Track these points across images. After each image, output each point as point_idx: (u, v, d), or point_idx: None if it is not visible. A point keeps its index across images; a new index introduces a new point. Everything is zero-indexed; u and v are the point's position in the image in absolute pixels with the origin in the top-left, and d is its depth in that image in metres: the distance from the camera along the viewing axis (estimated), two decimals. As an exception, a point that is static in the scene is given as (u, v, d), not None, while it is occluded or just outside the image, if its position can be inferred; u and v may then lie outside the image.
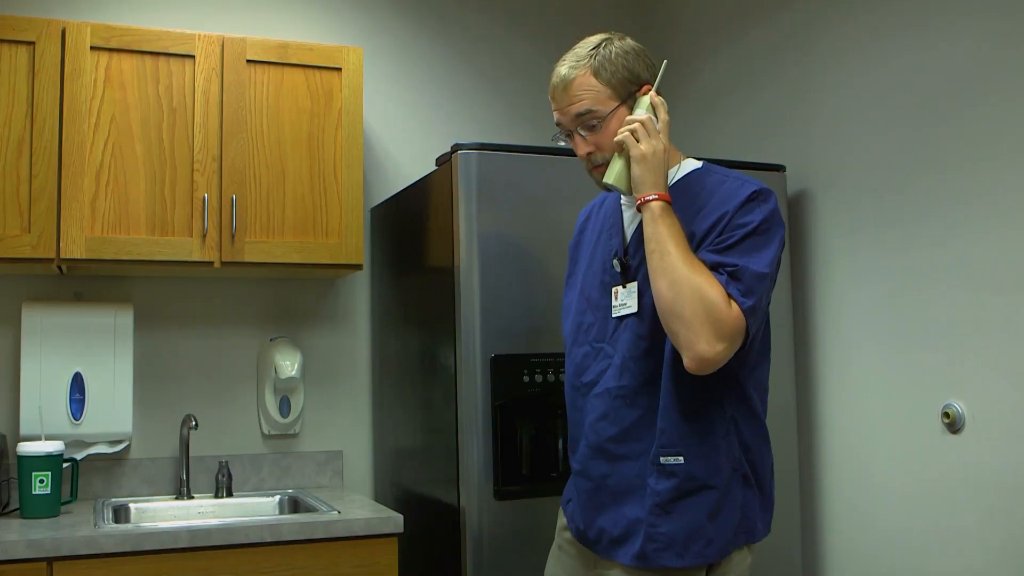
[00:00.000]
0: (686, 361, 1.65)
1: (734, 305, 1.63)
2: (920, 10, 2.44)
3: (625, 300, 1.81)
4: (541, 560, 2.09)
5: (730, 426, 1.75)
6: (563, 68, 1.80)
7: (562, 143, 1.89)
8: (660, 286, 1.66)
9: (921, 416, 2.39)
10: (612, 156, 1.77)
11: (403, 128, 3.27)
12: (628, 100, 1.78)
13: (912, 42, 2.46)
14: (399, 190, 2.98)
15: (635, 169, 1.71)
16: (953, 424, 2.29)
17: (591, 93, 1.77)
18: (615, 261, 1.86)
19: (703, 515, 1.71)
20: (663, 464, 1.72)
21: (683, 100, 3.42)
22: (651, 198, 1.69)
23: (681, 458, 1.72)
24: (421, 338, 2.70)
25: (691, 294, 1.62)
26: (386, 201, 3.05)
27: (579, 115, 1.79)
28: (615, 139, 1.75)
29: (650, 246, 1.68)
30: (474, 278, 2.38)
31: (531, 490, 2.38)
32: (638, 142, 1.71)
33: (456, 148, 2.44)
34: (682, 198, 1.77)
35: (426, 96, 3.32)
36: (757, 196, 1.72)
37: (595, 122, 1.78)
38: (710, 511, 1.71)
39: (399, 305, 2.91)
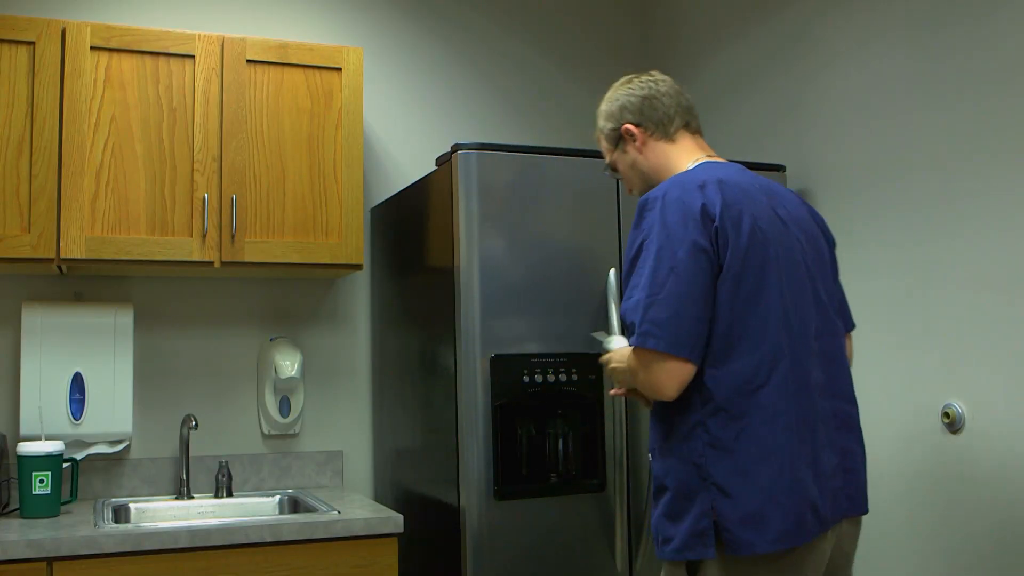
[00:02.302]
0: None
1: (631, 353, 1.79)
2: (920, 10, 2.44)
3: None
4: (541, 560, 2.09)
5: (695, 429, 1.72)
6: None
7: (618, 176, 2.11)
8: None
9: (921, 416, 2.39)
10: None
11: (403, 128, 3.27)
12: (618, 145, 2.02)
13: (912, 42, 2.46)
14: (399, 190, 2.98)
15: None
16: (953, 424, 2.29)
17: (603, 145, 2.07)
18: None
19: (661, 513, 1.78)
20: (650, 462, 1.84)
21: (683, 100, 3.41)
22: None
23: (651, 457, 1.84)
24: (421, 338, 2.70)
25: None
26: (386, 201, 3.05)
27: (605, 167, 2.10)
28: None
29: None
30: (474, 278, 2.38)
31: (531, 490, 2.38)
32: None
33: (456, 148, 2.44)
34: None
35: (426, 96, 3.32)
36: (637, 210, 1.83)
37: (615, 170, 2.07)
38: (666, 511, 1.76)
39: (399, 305, 2.91)
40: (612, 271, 2.49)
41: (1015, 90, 2.19)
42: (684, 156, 1.94)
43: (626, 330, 1.80)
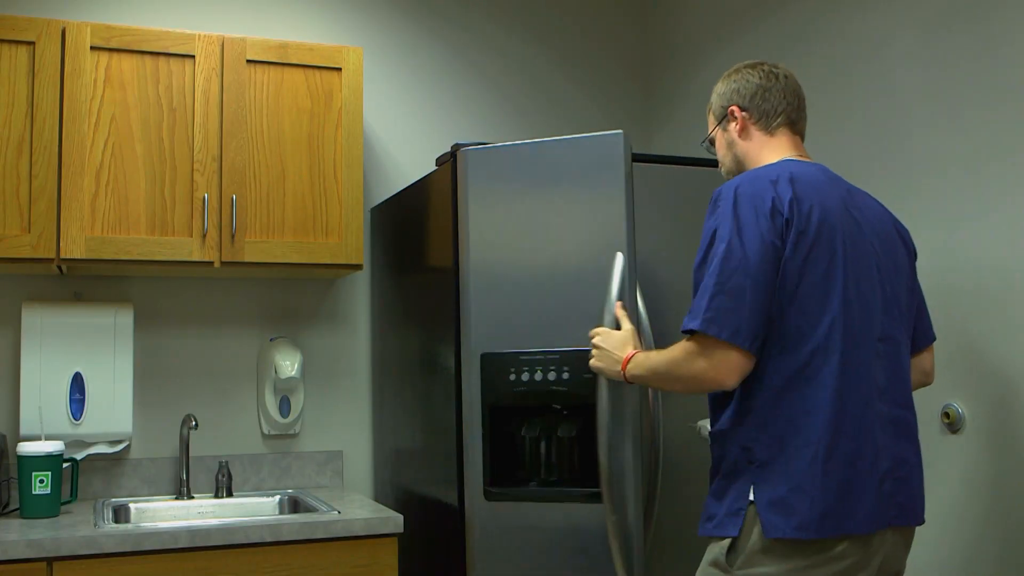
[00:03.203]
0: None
1: (684, 341, 1.82)
2: (920, 10, 2.44)
3: None
4: (541, 560, 2.09)
5: (749, 415, 1.80)
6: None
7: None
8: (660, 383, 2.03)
9: (921, 416, 2.39)
10: None
11: (403, 128, 3.27)
12: (721, 123, 2.08)
13: (914, 43, 2.47)
14: (399, 190, 2.98)
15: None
16: (953, 424, 2.29)
17: (709, 120, 2.13)
18: None
19: (710, 493, 1.88)
20: None
21: (683, 100, 3.42)
22: (621, 374, 2.04)
23: (710, 440, 1.93)
24: (421, 338, 2.70)
25: (664, 373, 1.90)
26: (386, 201, 3.05)
27: (704, 138, 2.18)
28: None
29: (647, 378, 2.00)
30: (474, 278, 2.38)
31: (523, 493, 2.37)
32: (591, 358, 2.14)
33: (456, 148, 2.44)
34: None
35: (426, 96, 3.32)
36: (711, 202, 1.87)
37: (710, 143, 2.15)
38: (713, 490, 1.87)
39: (399, 305, 2.91)
40: (619, 255, 2.44)
41: (1015, 91, 2.19)
42: (776, 151, 1.98)
43: (688, 312, 1.82)
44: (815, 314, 1.76)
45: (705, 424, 2.23)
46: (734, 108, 2.02)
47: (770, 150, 1.98)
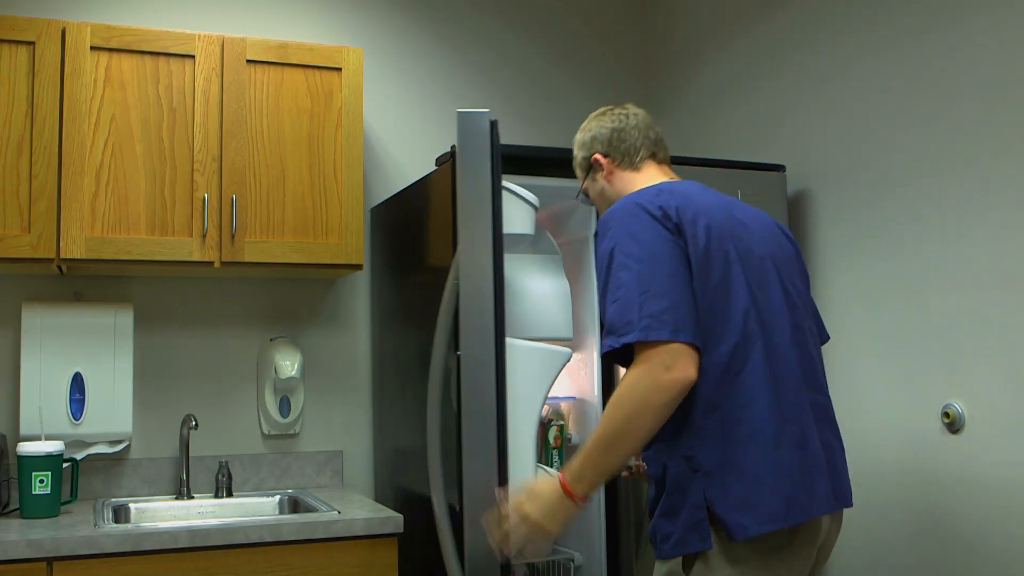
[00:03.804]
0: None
1: (643, 355, 1.72)
2: (920, 10, 2.44)
3: None
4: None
5: (683, 422, 1.76)
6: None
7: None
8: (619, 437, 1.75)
9: (921, 416, 2.39)
10: None
11: (403, 128, 3.27)
12: (588, 173, 2.10)
13: (912, 42, 2.47)
14: (399, 190, 2.98)
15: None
16: (953, 424, 2.29)
17: (578, 172, 2.15)
18: None
19: (659, 513, 1.80)
20: None
21: (683, 100, 3.42)
22: (572, 504, 1.77)
23: (645, 463, 1.89)
24: (421, 338, 2.70)
25: (624, 424, 1.72)
26: (386, 201, 3.05)
27: (579, 191, 2.17)
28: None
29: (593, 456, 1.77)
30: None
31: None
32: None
33: (456, 148, 2.44)
34: None
35: (426, 96, 3.32)
36: (600, 229, 1.85)
37: (585, 193, 2.15)
38: (663, 510, 1.79)
39: (399, 305, 2.91)
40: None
41: (1016, 92, 2.19)
42: (647, 180, 2.02)
43: (607, 334, 1.77)
44: (725, 312, 1.76)
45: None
46: (597, 156, 2.07)
47: (641, 182, 2.02)
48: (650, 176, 2.02)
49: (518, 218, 2.10)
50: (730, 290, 1.77)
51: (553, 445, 2.03)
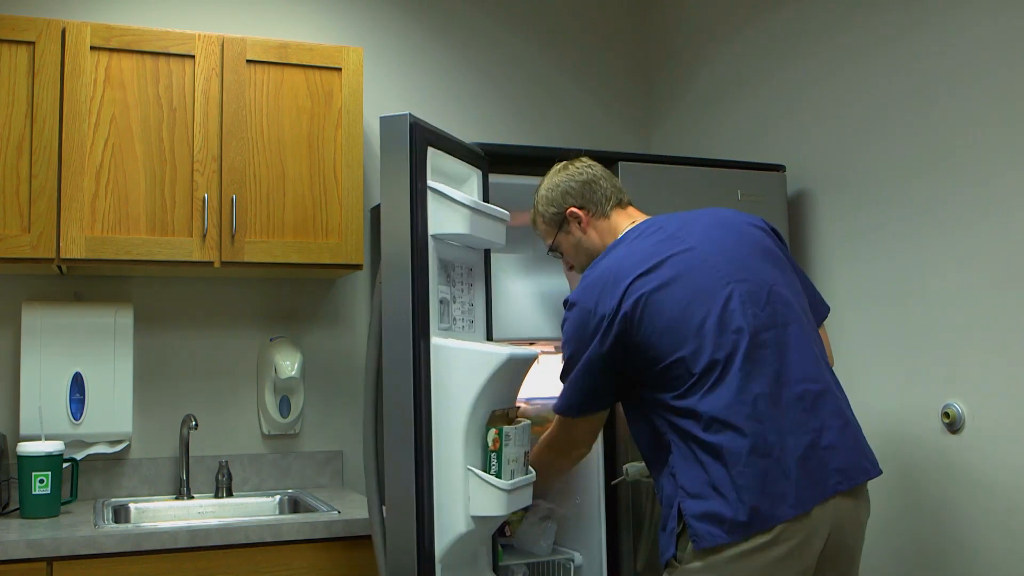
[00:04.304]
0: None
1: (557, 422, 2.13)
2: (920, 10, 2.44)
3: None
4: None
5: (668, 446, 1.94)
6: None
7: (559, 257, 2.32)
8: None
9: (921, 416, 2.39)
10: None
11: (403, 128, 3.27)
12: (561, 227, 2.22)
13: (912, 42, 2.47)
14: (399, 190, 2.98)
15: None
16: (953, 424, 2.29)
17: (543, 230, 2.27)
18: None
19: (660, 529, 1.98)
20: None
21: (683, 100, 3.42)
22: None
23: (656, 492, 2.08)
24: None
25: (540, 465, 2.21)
26: (386, 201, 3.04)
27: (548, 248, 2.29)
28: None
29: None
30: (474, 278, 2.38)
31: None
32: None
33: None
34: None
35: (426, 96, 3.32)
36: (565, 306, 2.08)
37: (556, 250, 2.28)
38: (662, 526, 1.96)
39: (399, 305, 2.91)
40: None
41: (1016, 92, 2.19)
42: (617, 228, 2.16)
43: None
44: (687, 352, 1.89)
45: (630, 467, 2.34)
46: (573, 209, 2.18)
47: (614, 227, 2.17)
48: (620, 223, 2.17)
49: (451, 219, 2.11)
50: (685, 330, 1.90)
51: (491, 448, 2.02)
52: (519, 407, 2.38)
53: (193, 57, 2.69)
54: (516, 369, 2.05)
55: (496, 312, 2.46)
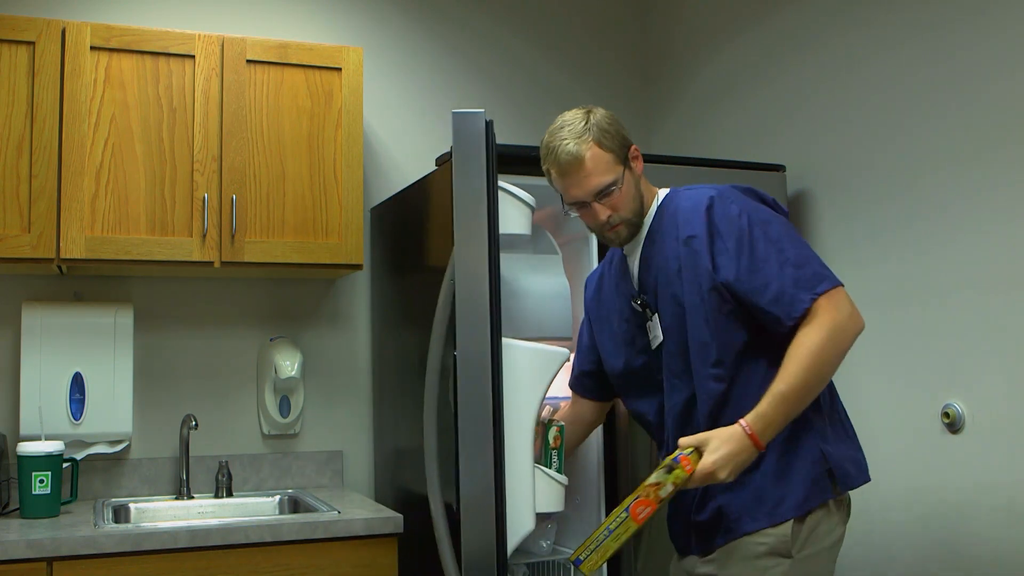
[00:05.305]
0: None
1: (826, 303, 1.77)
2: (920, 10, 2.44)
3: (655, 332, 1.95)
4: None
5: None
6: (569, 145, 1.88)
7: (573, 214, 1.98)
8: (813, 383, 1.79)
9: (921, 416, 2.39)
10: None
11: (403, 128, 3.27)
12: (626, 163, 1.92)
13: (912, 42, 2.46)
14: (399, 190, 2.98)
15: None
16: (953, 424, 2.29)
17: (604, 164, 1.89)
18: (634, 304, 2.00)
19: None
20: None
21: (683, 100, 3.42)
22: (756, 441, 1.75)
23: None
24: (421, 338, 2.69)
25: (821, 361, 1.78)
26: (386, 201, 3.05)
27: (601, 189, 1.89)
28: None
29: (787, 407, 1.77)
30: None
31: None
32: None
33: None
34: (663, 221, 1.94)
35: (426, 96, 3.32)
36: (711, 206, 1.85)
37: (613, 188, 1.90)
38: None
39: (399, 305, 2.91)
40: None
41: (1016, 92, 2.19)
42: (647, 183, 2.00)
43: (795, 288, 1.78)
44: None
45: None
46: (635, 147, 1.96)
47: (649, 187, 2.00)
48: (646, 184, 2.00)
49: (514, 218, 2.09)
50: None
51: (552, 445, 2.03)
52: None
53: (193, 57, 2.69)
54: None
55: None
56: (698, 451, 1.73)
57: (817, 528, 1.81)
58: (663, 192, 2.00)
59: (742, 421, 1.73)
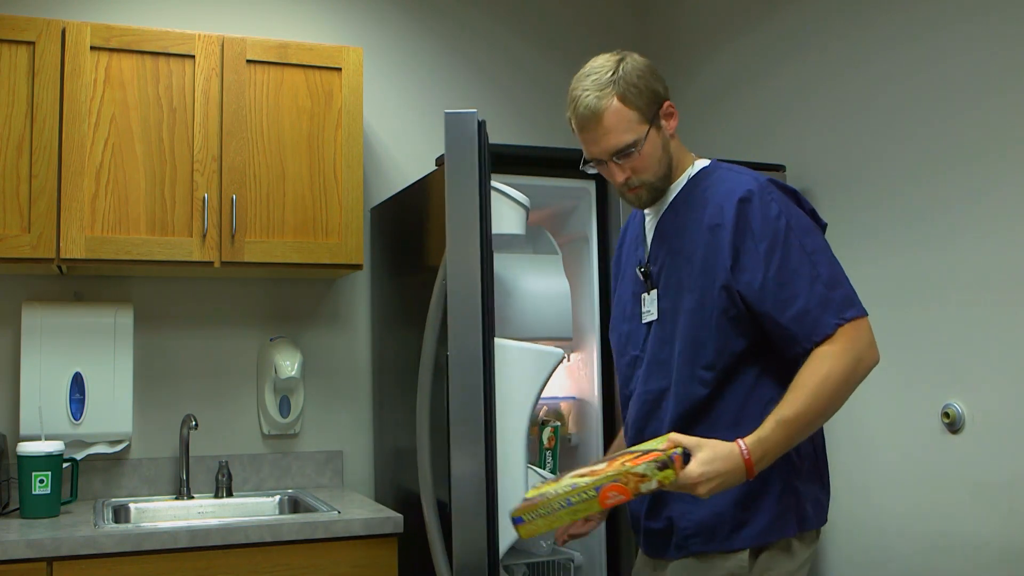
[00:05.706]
0: None
1: (849, 331, 1.63)
2: (920, 10, 2.44)
3: (649, 307, 1.81)
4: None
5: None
6: (589, 98, 1.75)
7: (591, 170, 1.86)
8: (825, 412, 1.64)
9: (921, 416, 2.39)
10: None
11: (403, 128, 3.27)
12: (654, 121, 1.75)
13: (912, 42, 2.46)
14: (399, 190, 2.98)
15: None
16: (953, 424, 2.29)
17: (625, 123, 1.73)
18: (638, 271, 1.86)
19: None
20: None
21: (683, 100, 3.42)
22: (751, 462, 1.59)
23: None
24: (420, 338, 2.69)
25: (833, 395, 1.62)
26: (386, 201, 3.05)
27: (619, 149, 1.75)
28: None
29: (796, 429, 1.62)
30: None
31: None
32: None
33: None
34: (692, 195, 1.80)
35: (426, 96, 3.32)
36: (749, 199, 1.70)
37: (632, 150, 1.75)
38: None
39: (399, 305, 2.91)
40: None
41: (1016, 93, 2.19)
42: (685, 154, 1.85)
43: (823, 304, 1.64)
44: None
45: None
46: (670, 103, 1.78)
47: (682, 153, 1.84)
48: (681, 149, 1.83)
49: (508, 218, 2.09)
50: None
51: (547, 446, 2.02)
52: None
53: (193, 57, 2.69)
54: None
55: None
56: (686, 454, 1.55)
57: (776, 566, 1.67)
58: (702, 163, 1.85)
59: (741, 443, 1.56)
